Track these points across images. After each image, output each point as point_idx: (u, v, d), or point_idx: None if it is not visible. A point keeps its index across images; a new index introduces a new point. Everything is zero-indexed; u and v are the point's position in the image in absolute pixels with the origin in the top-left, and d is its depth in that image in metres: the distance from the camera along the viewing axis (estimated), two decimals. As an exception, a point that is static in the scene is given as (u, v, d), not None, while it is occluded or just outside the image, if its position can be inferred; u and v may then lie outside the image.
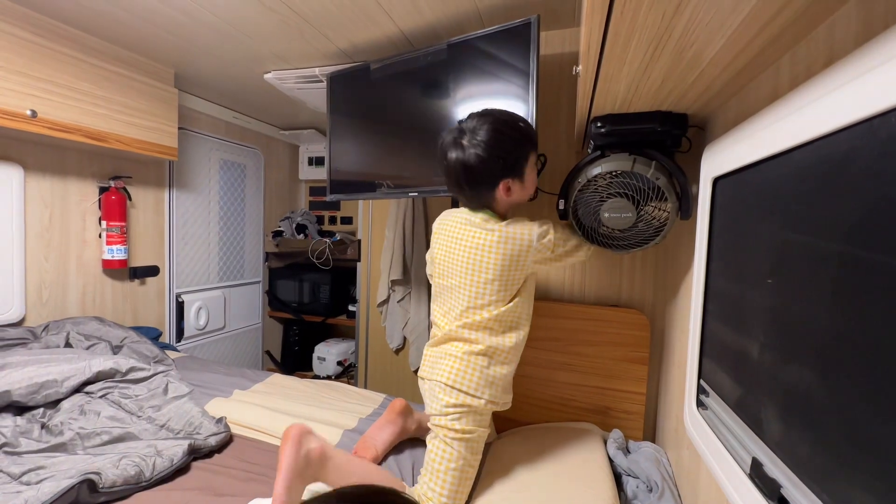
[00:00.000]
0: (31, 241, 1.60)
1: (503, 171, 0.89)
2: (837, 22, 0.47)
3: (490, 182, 0.89)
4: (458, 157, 0.88)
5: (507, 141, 0.88)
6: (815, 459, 0.44)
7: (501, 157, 0.87)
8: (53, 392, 1.15)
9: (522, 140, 0.90)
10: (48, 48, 1.40)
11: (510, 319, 0.94)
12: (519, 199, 0.95)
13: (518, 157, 0.89)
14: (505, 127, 0.88)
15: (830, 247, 0.42)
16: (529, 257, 0.91)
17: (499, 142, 0.87)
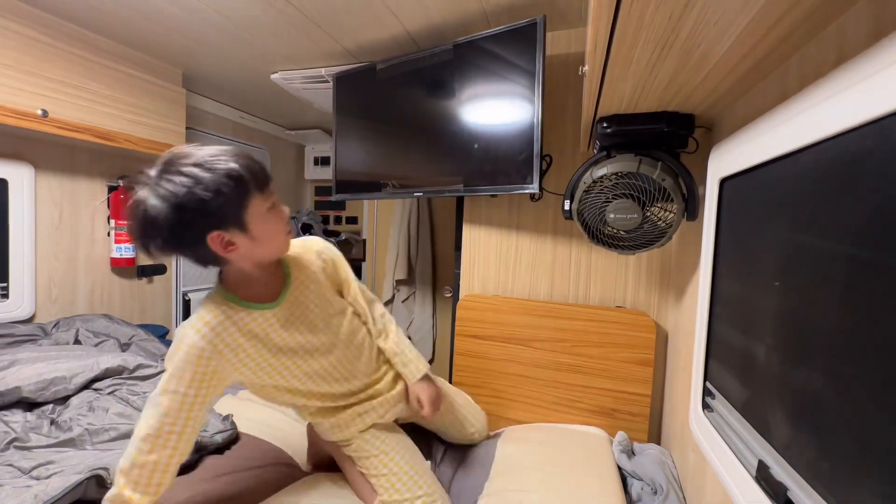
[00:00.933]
0: (42, 240, 1.62)
1: (208, 225, 0.69)
2: (847, 21, 0.46)
3: (188, 240, 0.70)
4: (142, 202, 0.66)
5: (207, 188, 0.66)
6: (823, 463, 0.43)
7: (198, 209, 0.66)
8: (62, 388, 1.16)
9: (227, 187, 0.68)
10: (59, 49, 1.41)
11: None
12: (262, 254, 0.77)
13: (222, 205, 0.68)
14: (204, 174, 0.67)
15: (840, 249, 0.42)
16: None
17: (190, 188, 0.66)
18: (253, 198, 0.71)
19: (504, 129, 1.21)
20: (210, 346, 0.74)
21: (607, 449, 1.13)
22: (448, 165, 1.32)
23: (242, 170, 0.70)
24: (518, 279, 1.46)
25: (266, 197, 0.74)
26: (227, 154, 0.71)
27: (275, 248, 0.78)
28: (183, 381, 0.73)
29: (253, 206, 0.71)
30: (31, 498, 0.80)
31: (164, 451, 0.71)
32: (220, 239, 0.70)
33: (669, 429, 1.19)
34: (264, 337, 0.80)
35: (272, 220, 0.75)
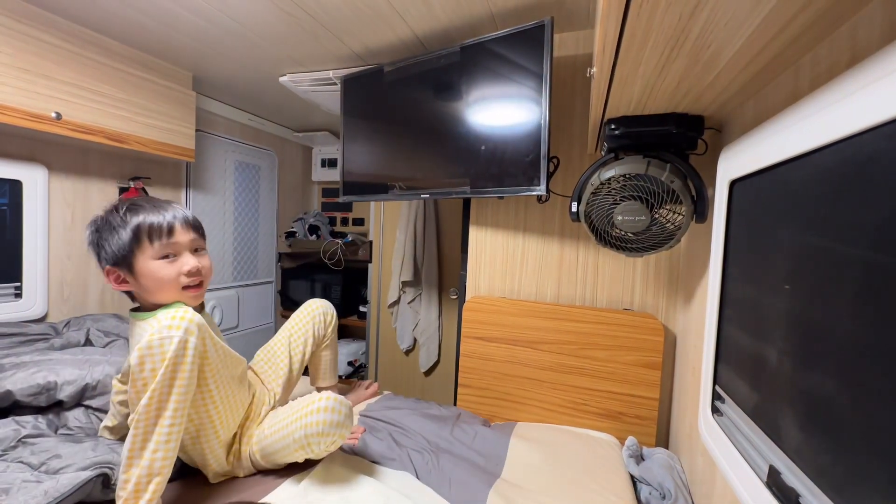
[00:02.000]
0: (54, 240, 1.64)
1: (102, 258, 0.88)
2: (861, 21, 0.46)
3: (99, 265, 0.90)
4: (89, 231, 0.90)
5: (104, 228, 0.87)
6: (836, 468, 0.43)
7: (97, 243, 0.88)
8: (53, 395, 1.16)
9: (120, 232, 0.85)
10: (73, 52, 1.44)
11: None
12: (156, 298, 0.88)
13: (112, 246, 0.86)
14: (107, 218, 0.88)
15: (852, 251, 0.41)
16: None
17: (97, 227, 0.88)
18: (143, 248, 0.85)
19: (511, 131, 1.21)
20: (193, 338, 0.80)
21: (618, 455, 1.12)
22: (455, 167, 1.32)
23: (138, 221, 0.85)
24: (525, 281, 1.46)
25: (158, 249, 0.86)
26: (139, 208, 0.87)
27: (163, 295, 0.88)
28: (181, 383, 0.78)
29: (143, 255, 0.85)
30: (41, 494, 0.81)
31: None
32: (115, 275, 0.87)
33: (678, 433, 1.18)
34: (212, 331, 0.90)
35: (161, 270, 0.86)
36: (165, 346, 0.74)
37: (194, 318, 0.78)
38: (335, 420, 0.87)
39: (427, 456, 1.05)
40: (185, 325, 0.77)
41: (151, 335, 0.75)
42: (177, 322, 0.76)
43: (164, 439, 0.75)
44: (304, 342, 1.27)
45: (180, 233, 0.89)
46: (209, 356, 0.84)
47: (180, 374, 0.76)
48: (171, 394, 0.75)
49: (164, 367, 0.74)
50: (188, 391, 0.78)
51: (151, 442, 0.74)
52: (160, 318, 0.78)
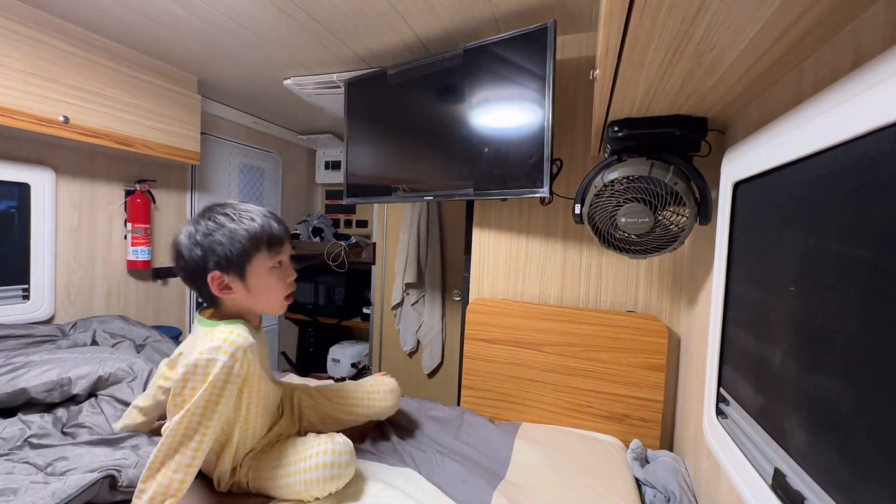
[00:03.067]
0: (62, 242, 1.66)
1: (210, 263, 0.80)
2: (864, 23, 0.46)
3: (197, 272, 0.82)
4: (176, 237, 0.84)
5: (224, 231, 0.80)
6: (842, 471, 0.42)
7: (210, 248, 0.80)
8: (67, 390, 1.18)
9: (241, 235, 0.81)
10: (81, 57, 1.46)
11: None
12: (252, 307, 0.86)
13: (230, 251, 0.80)
14: (227, 220, 0.81)
15: (858, 253, 0.41)
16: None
17: (212, 230, 0.80)
18: (261, 255, 0.83)
19: (514, 133, 1.22)
20: (240, 362, 0.78)
21: (622, 457, 1.12)
22: (458, 169, 1.33)
23: (260, 229, 0.82)
24: (528, 283, 1.46)
25: (272, 256, 0.84)
26: (255, 213, 0.83)
27: (266, 305, 0.87)
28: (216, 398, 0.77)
29: (259, 262, 0.83)
30: (48, 495, 0.81)
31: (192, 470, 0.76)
32: (220, 281, 0.81)
33: (682, 435, 1.17)
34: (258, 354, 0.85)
35: (272, 278, 0.85)
36: (210, 368, 0.75)
37: (244, 344, 0.78)
38: (334, 474, 0.83)
39: (432, 456, 1.05)
40: (232, 351, 0.77)
41: (201, 354, 0.76)
42: (226, 346, 0.77)
43: (186, 461, 0.75)
44: (364, 414, 1.14)
45: (286, 243, 0.89)
46: (250, 383, 0.85)
47: (218, 399, 0.76)
48: (205, 418, 0.76)
49: (203, 390, 0.74)
50: (222, 416, 0.78)
51: (173, 461, 0.74)
52: (216, 334, 0.79)
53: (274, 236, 0.84)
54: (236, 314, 0.87)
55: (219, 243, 0.80)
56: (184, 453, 0.75)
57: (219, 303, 0.86)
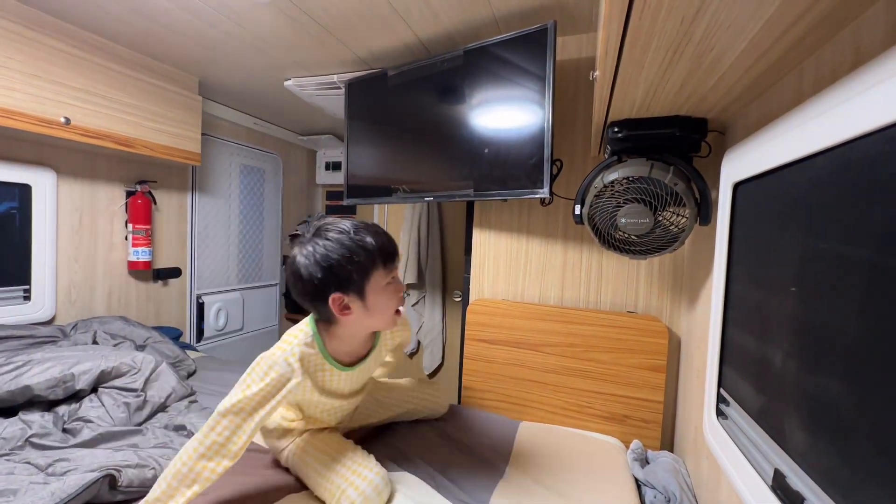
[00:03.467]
0: (62, 243, 1.66)
1: (333, 285, 0.78)
2: (864, 24, 0.46)
3: (318, 294, 0.80)
4: (294, 257, 0.81)
5: (344, 252, 0.78)
6: (842, 471, 0.42)
7: (332, 269, 0.77)
8: (71, 386, 1.18)
9: (360, 256, 0.79)
10: (82, 58, 1.46)
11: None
12: (368, 325, 0.86)
13: (352, 272, 0.78)
14: (345, 239, 0.79)
15: (858, 254, 0.41)
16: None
17: (331, 251, 0.78)
18: (378, 272, 0.81)
19: (514, 134, 1.22)
20: (291, 376, 0.80)
21: (623, 458, 1.12)
22: (458, 170, 1.33)
23: (376, 245, 0.80)
24: (528, 284, 1.46)
25: (388, 272, 0.83)
26: (368, 229, 0.82)
27: (382, 321, 0.86)
28: (259, 398, 0.78)
29: (376, 279, 0.81)
30: (48, 495, 0.81)
31: (224, 461, 0.77)
32: (340, 301, 0.79)
33: (683, 436, 1.17)
34: (321, 383, 0.88)
35: (387, 294, 0.84)
36: (269, 374, 0.78)
37: (306, 358, 0.82)
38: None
39: (431, 456, 1.05)
40: (296, 366, 0.80)
41: (273, 353, 0.81)
42: (293, 360, 0.80)
43: (222, 450, 0.76)
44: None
45: (398, 258, 0.87)
46: (305, 395, 0.87)
47: (266, 404, 0.78)
48: (248, 417, 0.77)
49: (256, 390, 0.77)
50: (263, 419, 0.78)
51: (209, 447, 0.75)
52: (297, 336, 0.84)
53: (389, 253, 0.82)
54: (350, 333, 0.87)
55: (339, 265, 0.77)
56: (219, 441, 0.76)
57: (333, 322, 0.84)
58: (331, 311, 0.80)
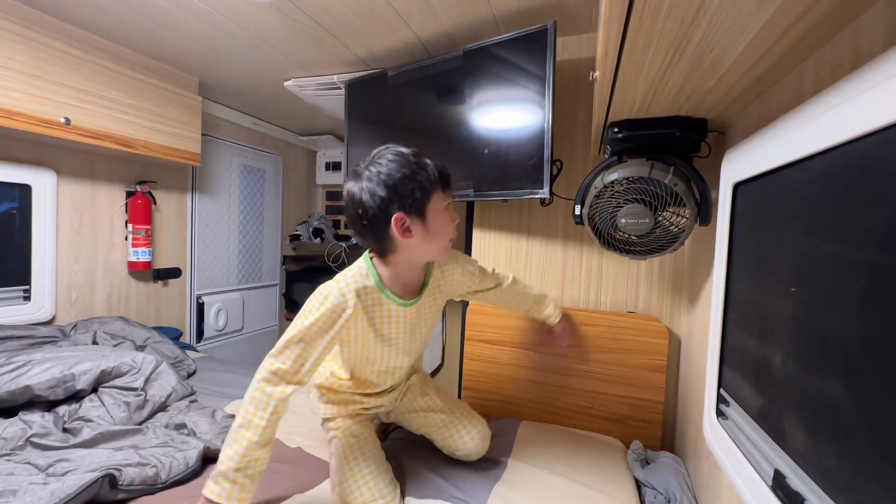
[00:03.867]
0: (63, 244, 1.66)
1: (396, 203, 0.77)
2: (864, 24, 0.46)
3: (380, 217, 0.78)
4: (352, 186, 0.80)
5: (404, 170, 0.78)
6: (842, 472, 0.42)
7: (394, 188, 0.77)
8: (71, 386, 1.18)
9: (420, 176, 0.78)
10: (82, 58, 1.46)
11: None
12: (426, 251, 0.83)
13: (414, 189, 0.77)
14: (403, 160, 0.79)
15: (858, 254, 0.41)
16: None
17: (393, 171, 0.77)
18: (436, 192, 0.80)
19: (514, 135, 1.22)
20: (347, 308, 0.81)
21: (623, 458, 1.11)
22: (458, 170, 1.33)
23: (433, 167, 0.81)
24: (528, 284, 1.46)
25: (446, 196, 0.83)
26: (423, 155, 0.82)
27: (438, 246, 0.85)
28: (317, 327, 0.80)
29: (435, 201, 0.80)
30: (47, 495, 0.81)
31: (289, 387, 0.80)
32: (402, 222, 0.78)
33: (683, 436, 1.17)
34: (378, 324, 0.87)
35: (445, 218, 0.83)
36: (324, 303, 0.80)
37: (362, 293, 0.82)
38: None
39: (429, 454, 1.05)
40: (350, 298, 0.81)
41: (328, 284, 0.82)
42: (347, 291, 0.81)
43: (286, 376, 0.79)
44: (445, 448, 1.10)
45: (451, 184, 0.87)
46: (360, 340, 0.87)
47: (325, 335, 0.80)
48: (309, 346, 0.80)
49: (314, 319, 0.79)
50: (325, 351, 0.81)
51: (275, 372, 0.79)
52: (352, 270, 0.84)
53: (446, 177, 0.83)
54: (407, 261, 0.85)
55: (402, 183, 0.77)
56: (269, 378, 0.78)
57: (391, 250, 0.83)
58: (391, 237, 0.79)
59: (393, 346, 0.91)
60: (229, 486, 0.73)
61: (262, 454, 0.77)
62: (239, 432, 0.76)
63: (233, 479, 0.74)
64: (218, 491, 0.73)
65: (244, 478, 0.74)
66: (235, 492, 0.73)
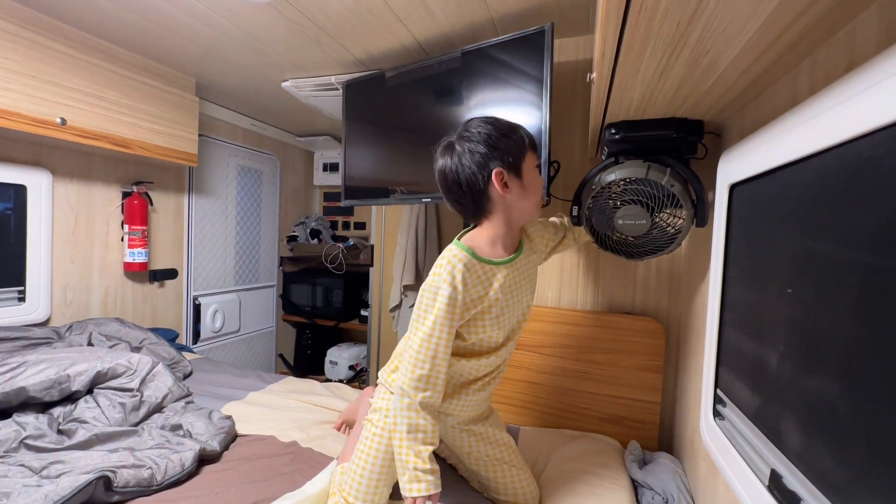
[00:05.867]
0: (58, 244, 1.65)
1: (496, 159, 0.81)
2: (858, 27, 0.46)
3: (482, 173, 0.81)
4: (448, 158, 0.83)
5: (500, 129, 0.82)
6: (837, 472, 0.43)
7: (493, 145, 0.81)
8: (66, 387, 1.17)
9: (515, 135, 0.83)
10: (79, 58, 1.45)
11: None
12: (522, 207, 0.85)
13: (510, 146, 0.82)
14: (496, 121, 0.84)
15: (853, 255, 0.41)
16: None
17: (490, 131, 0.82)
18: (529, 152, 0.84)
19: (512, 136, 1.22)
20: (460, 291, 0.81)
21: (620, 459, 1.12)
22: (456, 171, 1.33)
23: (524, 129, 0.86)
24: (526, 285, 1.46)
25: (536, 157, 0.87)
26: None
27: (532, 204, 0.87)
28: (443, 328, 0.81)
29: (528, 159, 0.84)
30: (41, 497, 0.81)
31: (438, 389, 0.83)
32: (502, 177, 0.81)
33: (680, 437, 1.17)
34: (488, 287, 0.86)
35: (537, 177, 0.87)
36: (436, 300, 0.81)
37: (459, 276, 0.81)
38: None
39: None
40: (449, 279, 0.81)
41: (434, 275, 0.83)
42: (445, 274, 0.81)
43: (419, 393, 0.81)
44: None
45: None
46: (472, 309, 0.85)
47: (443, 328, 0.81)
48: (434, 349, 0.81)
49: (429, 322, 0.81)
50: (451, 332, 0.82)
51: (419, 379, 0.81)
52: (448, 259, 0.83)
53: (533, 138, 0.87)
54: (504, 220, 0.86)
55: (500, 139, 0.81)
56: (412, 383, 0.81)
57: (490, 210, 0.85)
58: (489, 196, 0.82)
59: (509, 311, 0.89)
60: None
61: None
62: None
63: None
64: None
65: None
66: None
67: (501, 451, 0.98)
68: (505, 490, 0.95)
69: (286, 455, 1.07)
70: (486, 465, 0.97)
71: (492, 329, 0.87)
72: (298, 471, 1.02)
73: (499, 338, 0.89)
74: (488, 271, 0.85)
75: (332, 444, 1.14)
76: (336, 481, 0.90)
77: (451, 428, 0.98)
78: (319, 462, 1.05)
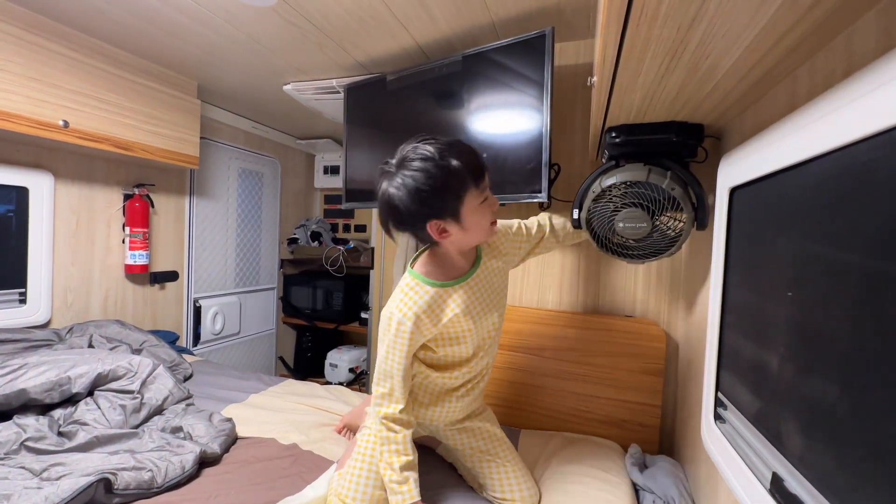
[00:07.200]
0: (59, 247, 1.66)
1: (429, 217, 0.79)
2: (856, 32, 0.47)
3: (415, 224, 0.81)
4: (385, 190, 0.80)
5: (432, 179, 0.76)
6: (839, 475, 0.43)
7: (423, 201, 0.77)
8: (67, 389, 1.17)
9: (453, 180, 0.77)
10: (81, 61, 1.46)
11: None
12: (468, 240, 0.84)
13: (445, 199, 0.77)
14: (433, 166, 0.76)
15: (853, 259, 0.42)
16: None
17: (421, 183, 0.76)
18: (468, 193, 0.79)
19: (513, 139, 1.23)
20: (412, 322, 0.83)
21: (621, 462, 1.11)
22: (457, 174, 1.33)
23: (464, 167, 0.77)
24: (526, 288, 1.46)
25: (480, 191, 0.81)
26: (453, 151, 0.78)
27: (479, 237, 0.85)
28: (397, 352, 0.84)
29: (469, 199, 0.79)
30: (42, 500, 0.81)
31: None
32: (438, 226, 0.80)
33: (681, 440, 1.17)
34: (444, 308, 0.86)
35: (482, 212, 0.82)
36: (390, 327, 0.84)
37: (415, 307, 0.83)
38: None
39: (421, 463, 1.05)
40: (408, 311, 0.83)
41: (391, 302, 0.85)
42: (404, 307, 0.83)
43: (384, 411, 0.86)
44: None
45: (486, 172, 0.84)
46: (429, 335, 0.87)
47: (397, 352, 0.84)
48: (391, 369, 0.85)
49: (385, 345, 0.85)
50: (407, 355, 0.84)
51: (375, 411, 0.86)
52: (402, 289, 0.85)
53: (478, 168, 0.80)
54: (455, 250, 0.87)
55: (433, 195, 0.77)
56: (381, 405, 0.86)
57: (433, 241, 0.85)
58: (429, 236, 0.82)
59: (479, 324, 0.89)
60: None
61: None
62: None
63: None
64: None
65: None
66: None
67: (494, 446, 0.98)
68: (500, 488, 0.94)
69: (286, 457, 1.07)
70: (479, 461, 0.97)
71: (457, 345, 0.89)
72: (299, 473, 1.02)
73: (467, 352, 0.91)
74: (443, 294, 0.86)
75: (333, 447, 1.14)
76: (334, 486, 0.90)
77: (443, 428, 0.99)
78: (320, 465, 1.05)
